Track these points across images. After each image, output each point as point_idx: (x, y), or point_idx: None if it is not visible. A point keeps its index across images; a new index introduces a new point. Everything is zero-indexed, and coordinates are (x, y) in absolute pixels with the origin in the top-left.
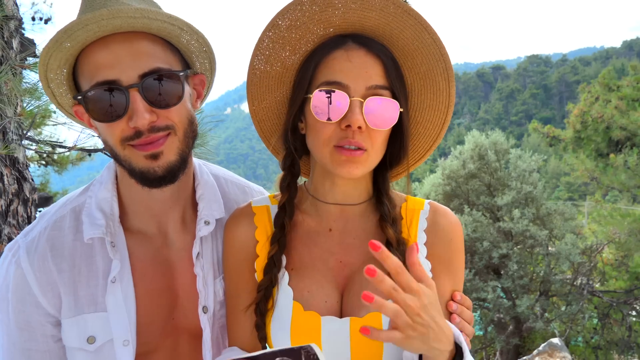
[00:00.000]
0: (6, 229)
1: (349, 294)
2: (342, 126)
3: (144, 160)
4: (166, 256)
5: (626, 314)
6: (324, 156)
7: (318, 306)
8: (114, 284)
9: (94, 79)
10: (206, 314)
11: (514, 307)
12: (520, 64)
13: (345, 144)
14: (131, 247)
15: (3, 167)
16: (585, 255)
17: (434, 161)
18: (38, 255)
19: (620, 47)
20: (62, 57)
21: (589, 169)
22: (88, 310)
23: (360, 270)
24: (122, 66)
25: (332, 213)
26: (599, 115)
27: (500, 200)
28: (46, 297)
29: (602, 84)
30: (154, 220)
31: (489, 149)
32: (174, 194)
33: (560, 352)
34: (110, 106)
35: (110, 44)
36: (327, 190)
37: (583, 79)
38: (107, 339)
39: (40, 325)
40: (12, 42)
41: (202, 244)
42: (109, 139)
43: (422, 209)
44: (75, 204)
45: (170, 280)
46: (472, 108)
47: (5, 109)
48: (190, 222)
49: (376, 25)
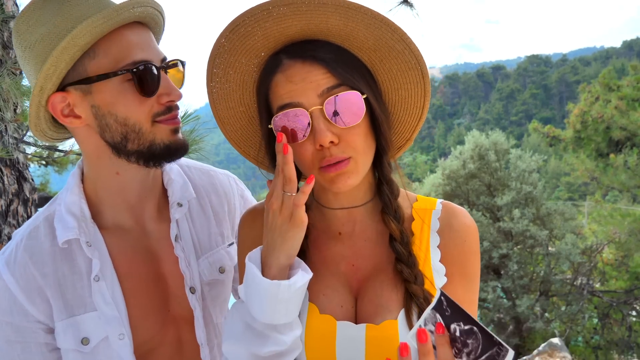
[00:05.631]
0: (6, 229)
1: (362, 300)
2: (316, 147)
3: (170, 135)
4: (147, 246)
5: (626, 314)
6: (315, 179)
7: (334, 310)
8: (98, 282)
9: (130, 57)
10: (194, 294)
11: (514, 307)
12: (520, 64)
13: (326, 163)
14: (110, 243)
15: (3, 167)
16: (585, 255)
17: (434, 161)
18: (18, 265)
19: (620, 47)
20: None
21: (589, 169)
22: (78, 312)
23: (373, 274)
24: (150, 48)
25: (339, 217)
26: (599, 115)
27: (500, 200)
28: (34, 303)
29: (602, 84)
30: (130, 212)
31: (489, 149)
32: (149, 183)
33: (560, 352)
34: (152, 81)
35: (135, 29)
36: (331, 198)
37: (583, 79)
38: (101, 338)
39: (32, 333)
40: (12, 42)
41: (179, 226)
42: (138, 114)
43: (433, 209)
44: (47, 213)
45: (157, 269)
46: (472, 108)
47: (5, 112)
48: (164, 209)
49: (300, 29)
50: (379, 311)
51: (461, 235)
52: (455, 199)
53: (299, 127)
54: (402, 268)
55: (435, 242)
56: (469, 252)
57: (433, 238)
